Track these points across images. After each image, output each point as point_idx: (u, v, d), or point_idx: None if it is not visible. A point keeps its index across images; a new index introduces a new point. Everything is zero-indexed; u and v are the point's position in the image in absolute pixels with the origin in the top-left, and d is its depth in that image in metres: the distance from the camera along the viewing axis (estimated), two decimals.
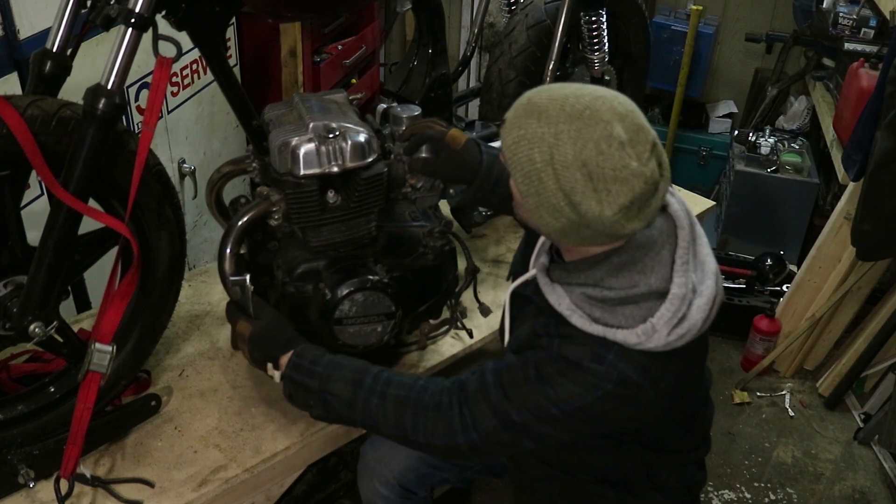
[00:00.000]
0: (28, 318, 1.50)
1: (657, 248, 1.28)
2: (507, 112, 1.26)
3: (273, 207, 1.65)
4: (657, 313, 1.26)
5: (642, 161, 1.17)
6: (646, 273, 1.27)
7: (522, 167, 1.21)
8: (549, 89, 1.23)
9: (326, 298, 1.69)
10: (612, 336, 1.27)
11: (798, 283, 3.05)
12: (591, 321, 1.29)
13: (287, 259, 1.76)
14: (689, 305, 1.27)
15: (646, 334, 1.26)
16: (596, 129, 1.16)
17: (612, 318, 1.28)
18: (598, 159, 1.15)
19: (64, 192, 1.40)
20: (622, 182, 1.16)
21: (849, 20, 3.21)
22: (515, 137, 1.21)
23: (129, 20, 1.39)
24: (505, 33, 2.37)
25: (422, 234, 1.85)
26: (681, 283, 1.27)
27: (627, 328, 1.27)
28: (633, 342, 1.26)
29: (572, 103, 1.18)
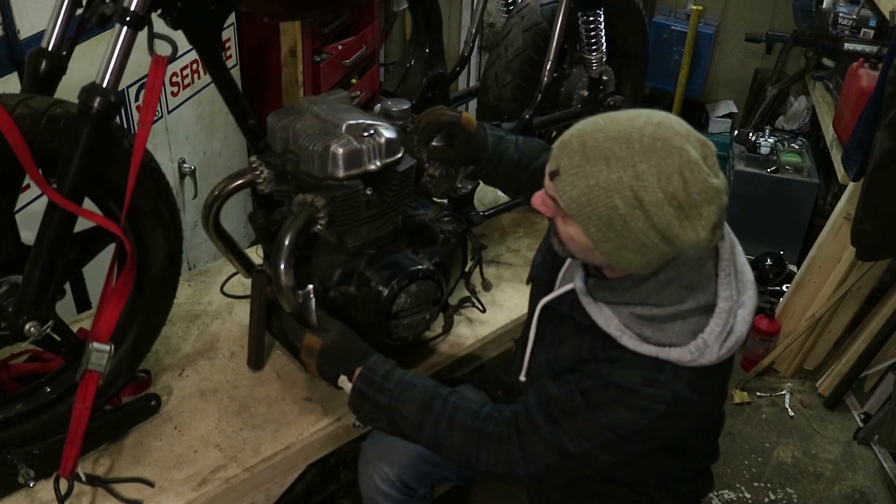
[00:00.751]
0: (23, 318, 1.49)
1: (701, 261, 1.27)
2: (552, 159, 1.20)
3: (319, 213, 1.65)
4: (707, 329, 1.25)
5: (716, 174, 1.16)
6: (693, 288, 1.26)
7: (601, 216, 1.16)
8: (600, 128, 1.17)
9: (382, 295, 1.72)
10: (666, 355, 1.26)
11: (798, 283, 3.05)
12: (643, 341, 1.28)
13: (321, 266, 1.78)
14: (735, 317, 1.27)
15: (699, 350, 1.25)
16: (674, 159, 1.13)
17: (663, 336, 1.27)
18: (685, 188, 1.12)
19: (52, 192, 1.39)
20: (710, 202, 1.14)
21: (848, 20, 3.20)
22: (586, 188, 1.16)
23: (124, 19, 1.40)
24: (501, 36, 2.37)
25: (428, 220, 1.90)
26: (727, 297, 1.26)
27: (680, 345, 1.26)
28: (687, 360, 1.26)
29: (638, 138, 1.14)
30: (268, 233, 1.79)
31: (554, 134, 2.74)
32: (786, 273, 3.37)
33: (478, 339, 2.08)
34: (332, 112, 1.69)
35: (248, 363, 1.95)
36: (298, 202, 1.66)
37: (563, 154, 1.18)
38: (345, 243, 1.74)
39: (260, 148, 1.73)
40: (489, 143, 1.68)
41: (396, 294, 1.73)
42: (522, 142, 1.73)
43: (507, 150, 1.69)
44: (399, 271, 1.74)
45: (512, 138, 1.72)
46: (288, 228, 1.62)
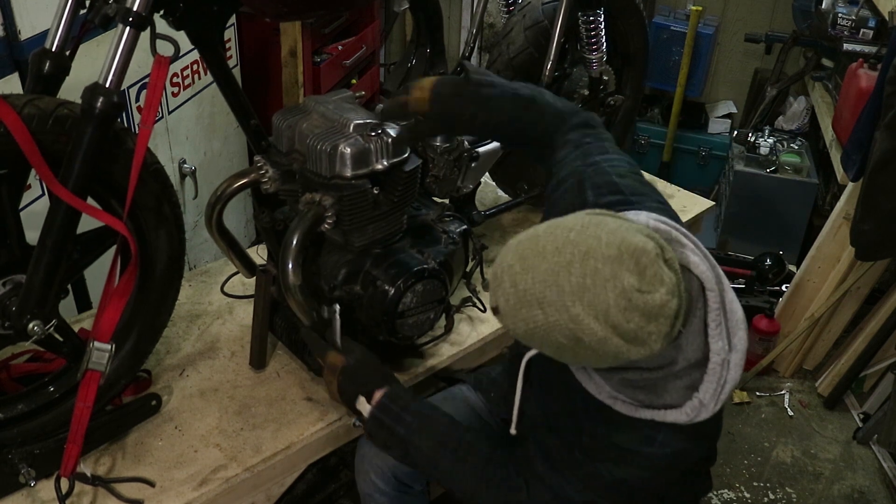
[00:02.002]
0: (27, 317, 1.50)
1: (689, 318, 1.21)
2: (491, 295, 1.16)
3: (327, 212, 1.66)
4: (701, 387, 1.23)
5: (660, 281, 1.09)
6: (682, 348, 1.21)
7: (550, 347, 1.14)
8: (529, 266, 1.11)
9: (388, 294, 1.73)
10: (662, 418, 1.24)
11: (797, 283, 3.06)
12: (637, 406, 1.26)
13: (327, 265, 1.78)
14: (728, 369, 1.23)
15: (695, 411, 1.23)
16: (607, 293, 1.07)
17: (658, 398, 1.25)
18: (625, 318, 1.07)
19: (62, 190, 1.40)
20: (656, 317, 1.09)
21: (848, 20, 3.21)
22: (526, 330, 1.13)
23: (127, 19, 1.40)
24: (503, 34, 2.37)
25: (430, 220, 1.90)
26: (718, 350, 1.22)
27: (676, 407, 1.24)
28: (685, 421, 1.24)
29: (566, 278, 1.08)
30: (273, 232, 1.80)
31: None
32: (785, 273, 3.37)
33: (479, 338, 2.08)
34: (338, 111, 1.70)
35: (250, 362, 1.95)
36: (306, 201, 1.66)
37: (498, 293, 1.15)
38: (351, 243, 1.74)
39: (263, 147, 1.73)
40: (466, 110, 1.55)
41: (402, 293, 1.73)
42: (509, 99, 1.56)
43: (488, 117, 1.56)
44: (405, 271, 1.74)
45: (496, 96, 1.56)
46: (296, 228, 1.63)
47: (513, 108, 1.55)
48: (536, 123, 1.55)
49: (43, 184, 1.97)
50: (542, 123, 1.55)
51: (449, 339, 2.06)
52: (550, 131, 1.54)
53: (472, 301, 2.12)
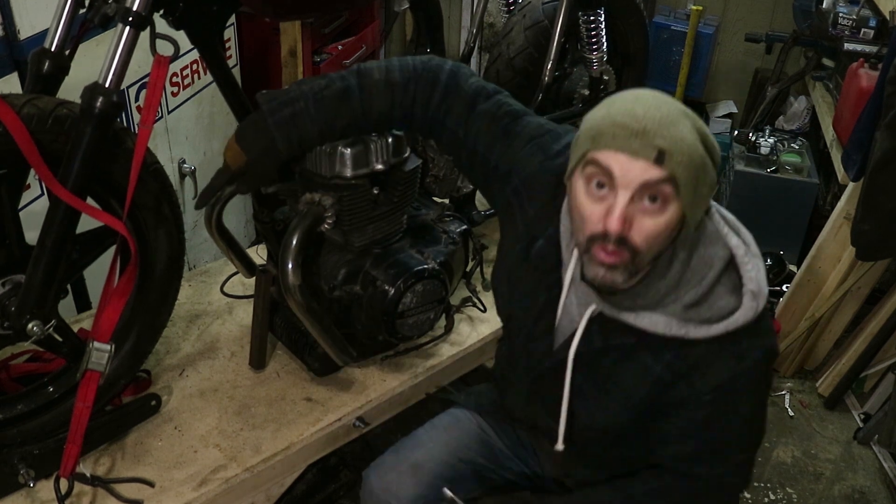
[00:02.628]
0: (26, 317, 1.50)
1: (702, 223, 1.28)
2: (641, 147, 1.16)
3: (327, 212, 1.65)
4: (745, 279, 1.28)
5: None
6: (709, 249, 1.28)
7: (697, 168, 1.18)
8: (649, 103, 1.19)
9: (388, 294, 1.73)
10: (735, 324, 1.27)
11: (798, 283, 3.05)
12: (708, 324, 1.28)
13: (327, 265, 1.78)
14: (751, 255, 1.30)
15: (754, 301, 1.27)
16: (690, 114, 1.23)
17: (720, 308, 1.28)
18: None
19: (62, 189, 1.40)
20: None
21: (848, 20, 3.20)
22: (686, 148, 1.17)
23: (126, 19, 1.40)
24: (503, 34, 2.37)
25: (430, 220, 1.90)
26: (736, 244, 1.29)
27: (738, 307, 1.27)
28: (752, 316, 1.27)
29: (665, 98, 1.21)
30: (273, 232, 1.79)
31: None
32: (786, 273, 3.37)
33: (479, 338, 2.08)
34: None
35: (250, 363, 1.95)
36: (306, 201, 1.66)
37: (650, 136, 1.16)
38: (351, 242, 1.74)
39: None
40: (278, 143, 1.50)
41: (402, 293, 1.73)
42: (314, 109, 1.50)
43: (303, 131, 1.51)
44: (405, 271, 1.74)
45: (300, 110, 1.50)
46: (296, 227, 1.63)
47: (325, 109, 1.49)
48: (370, 108, 1.50)
49: (42, 183, 1.97)
50: (377, 104, 1.50)
51: (449, 339, 2.06)
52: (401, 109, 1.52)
53: (472, 301, 2.11)
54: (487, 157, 1.48)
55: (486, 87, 1.51)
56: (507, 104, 1.49)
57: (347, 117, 1.50)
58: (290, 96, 1.50)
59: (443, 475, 1.62)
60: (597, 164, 1.18)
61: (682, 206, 1.19)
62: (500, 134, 1.46)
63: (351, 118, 1.51)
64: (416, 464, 1.62)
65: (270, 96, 1.52)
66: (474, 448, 1.67)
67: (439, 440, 1.66)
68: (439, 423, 1.71)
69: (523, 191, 1.45)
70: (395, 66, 1.52)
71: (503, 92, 1.52)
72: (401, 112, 1.52)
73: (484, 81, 1.53)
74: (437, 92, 1.51)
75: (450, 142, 1.54)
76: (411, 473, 1.60)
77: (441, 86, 1.51)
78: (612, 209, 1.17)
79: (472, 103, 1.49)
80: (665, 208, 1.18)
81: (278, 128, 1.49)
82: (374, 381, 1.93)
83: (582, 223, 1.22)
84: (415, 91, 1.51)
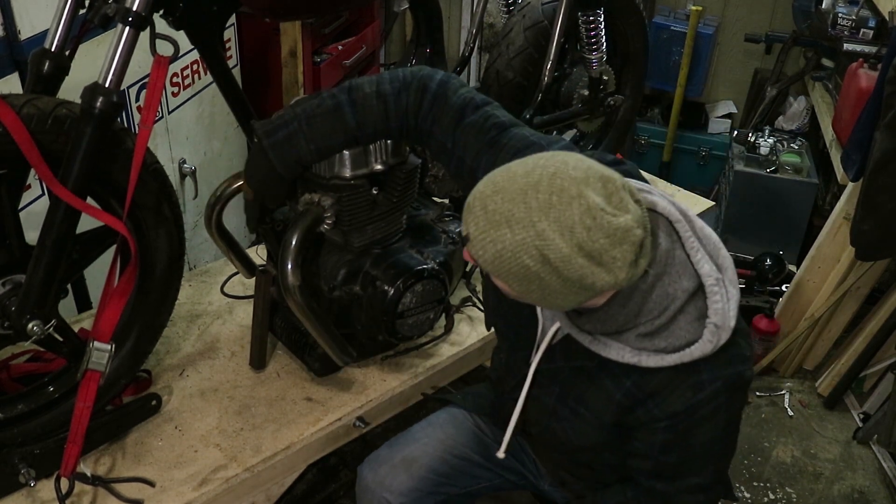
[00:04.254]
0: (26, 317, 1.50)
1: (671, 252, 1.25)
2: (463, 225, 1.16)
3: (326, 213, 1.66)
4: (710, 311, 1.24)
5: (625, 209, 1.12)
6: (674, 281, 1.24)
7: (517, 275, 1.14)
8: (500, 188, 1.13)
9: (388, 295, 1.73)
10: (690, 357, 1.25)
11: (797, 283, 3.05)
12: (663, 353, 1.26)
13: (326, 266, 1.78)
14: (724, 285, 1.26)
15: (714, 336, 1.24)
16: (573, 210, 1.09)
17: (677, 339, 1.26)
18: (590, 236, 1.09)
19: (62, 189, 1.40)
20: (621, 242, 1.11)
21: (848, 20, 3.20)
22: (495, 252, 1.13)
23: (126, 19, 1.40)
24: (502, 35, 2.38)
25: (430, 220, 1.90)
26: (707, 272, 1.25)
27: (696, 339, 1.25)
28: (710, 350, 1.24)
29: (534, 196, 1.10)
30: (273, 232, 1.80)
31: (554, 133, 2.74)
32: (785, 273, 3.37)
33: (479, 338, 2.08)
34: None
35: (250, 363, 1.95)
36: (305, 202, 1.67)
37: (469, 219, 1.15)
38: (350, 243, 1.75)
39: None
40: (279, 169, 1.55)
41: (402, 293, 1.73)
42: (308, 128, 1.52)
43: (300, 151, 1.54)
44: (404, 271, 1.74)
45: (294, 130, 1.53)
46: (295, 228, 1.63)
47: (319, 127, 1.51)
48: (364, 121, 1.51)
49: (42, 183, 1.97)
50: (371, 117, 1.51)
51: (449, 339, 2.06)
52: (396, 120, 1.52)
53: (472, 301, 2.12)
54: (474, 169, 1.47)
55: (475, 99, 1.50)
56: (495, 116, 1.48)
57: (342, 133, 1.52)
58: (284, 119, 1.52)
59: (436, 470, 1.64)
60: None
61: (510, 289, 1.18)
62: (486, 146, 1.45)
63: (346, 133, 1.52)
64: (409, 458, 1.64)
65: (265, 122, 1.55)
66: (470, 446, 1.69)
67: (434, 436, 1.68)
68: (435, 419, 1.74)
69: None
70: (386, 79, 1.53)
71: (492, 103, 1.51)
72: (396, 123, 1.53)
73: (474, 92, 1.53)
74: (426, 101, 1.51)
75: (438, 151, 1.55)
76: (405, 468, 1.62)
77: (430, 95, 1.51)
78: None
79: (460, 114, 1.48)
80: (491, 275, 1.19)
81: (274, 150, 1.52)
82: (374, 381, 1.93)
83: None
84: (406, 101, 1.51)
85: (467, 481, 1.69)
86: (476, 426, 1.72)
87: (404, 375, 1.95)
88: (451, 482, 1.66)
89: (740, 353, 1.30)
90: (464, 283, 2.14)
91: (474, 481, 1.70)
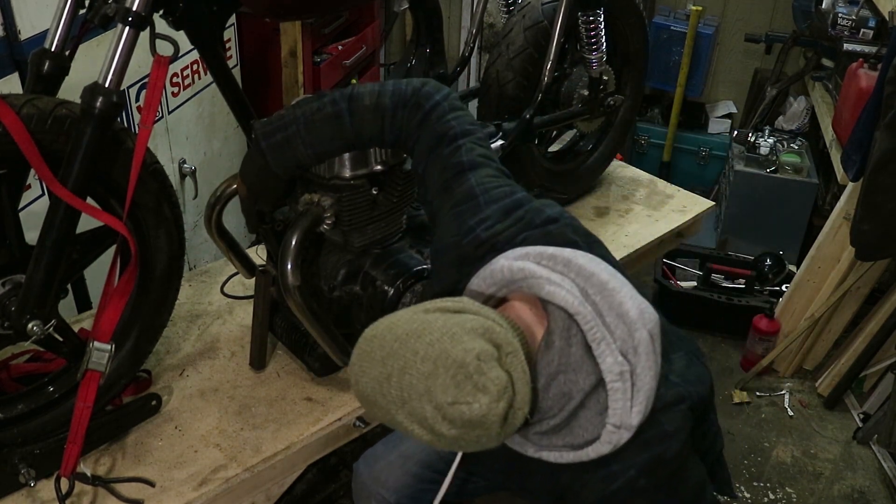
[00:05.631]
0: (26, 317, 1.50)
1: (564, 351, 1.17)
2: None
3: (326, 213, 1.66)
4: (609, 412, 1.15)
5: (482, 392, 1.05)
6: (570, 380, 1.17)
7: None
8: (364, 369, 1.11)
9: (388, 295, 1.73)
10: (586, 457, 1.17)
11: (797, 283, 3.06)
12: (564, 450, 1.20)
13: (326, 266, 1.78)
14: (632, 377, 1.15)
15: (614, 437, 1.15)
16: (424, 406, 1.06)
17: (577, 437, 1.18)
18: (446, 426, 1.06)
19: (62, 189, 1.40)
20: (479, 425, 1.06)
21: (848, 21, 3.20)
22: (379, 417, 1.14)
23: (126, 19, 1.40)
24: (502, 35, 2.37)
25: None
26: (610, 366, 1.14)
27: (595, 439, 1.17)
28: (609, 451, 1.16)
29: (388, 388, 1.09)
30: (273, 232, 1.80)
31: (554, 134, 2.74)
32: (785, 273, 3.38)
33: None
34: None
35: (250, 363, 1.95)
36: (305, 202, 1.67)
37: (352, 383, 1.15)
38: (350, 243, 1.75)
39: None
40: (274, 168, 1.55)
41: (402, 294, 1.73)
42: (306, 132, 1.51)
43: (298, 154, 1.53)
44: (404, 271, 1.74)
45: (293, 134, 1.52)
46: (295, 228, 1.63)
47: (317, 133, 1.51)
48: (360, 132, 1.50)
49: (42, 183, 1.97)
50: (367, 129, 1.49)
51: None
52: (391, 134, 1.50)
53: None
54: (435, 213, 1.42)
55: (455, 130, 1.41)
56: (459, 155, 1.38)
57: (340, 140, 1.52)
58: (283, 121, 1.52)
59: (431, 465, 1.64)
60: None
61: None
62: (441, 189, 1.39)
63: (344, 141, 1.52)
64: (405, 454, 1.65)
65: (265, 122, 1.55)
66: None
67: None
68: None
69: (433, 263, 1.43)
70: (388, 91, 1.49)
71: (472, 135, 1.42)
72: (391, 137, 1.51)
73: (462, 119, 1.44)
74: (414, 121, 1.47)
75: (413, 171, 1.54)
76: (399, 463, 1.63)
77: (420, 115, 1.46)
78: None
79: (434, 143, 1.42)
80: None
81: (272, 151, 1.53)
82: None
83: None
84: (402, 118, 1.48)
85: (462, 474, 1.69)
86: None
87: None
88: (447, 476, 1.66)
89: (660, 433, 1.18)
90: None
91: (469, 474, 1.70)
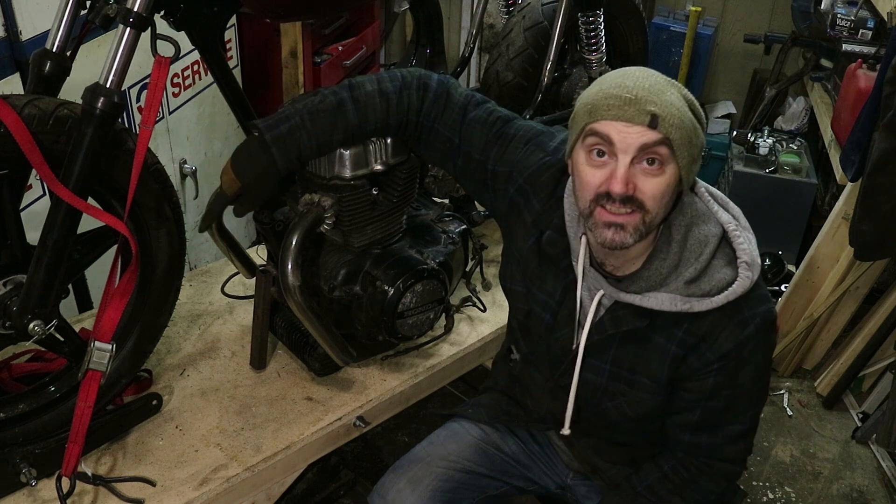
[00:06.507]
0: (28, 317, 1.50)
1: (692, 204, 1.37)
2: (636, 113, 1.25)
3: (326, 213, 1.66)
4: (738, 251, 1.35)
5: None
6: (703, 227, 1.35)
7: (688, 131, 1.27)
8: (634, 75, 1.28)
9: (388, 295, 1.74)
10: (735, 294, 1.34)
11: (796, 283, 3.06)
12: (709, 296, 1.34)
13: (326, 266, 1.79)
14: (741, 228, 1.38)
15: (749, 270, 1.34)
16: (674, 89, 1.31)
17: (718, 281, 1.35)
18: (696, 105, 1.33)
19: (63, 190, 1.40)
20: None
21: (847, 21, 3.21)
22: (678, 112, 1.26)
23: (127, 20, 1.41)
24: (502, 35, 2.38)
25: (430, 220, 1.90)
26: (727, 218, 1.38)
27: (735, 279, 1.34)
28: (749, 286, 1.34)
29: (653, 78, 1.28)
30: (273, 232, 1.80)
31: None
32: (784, 273, 3.37)
33: (479, 338, 2.09)
34: None
35: (250, 363, 1.96)
36: (305, 202, 1.67)
37: (642, 102, 1.25)
38: (351, 243, 1.75)
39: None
40: (277, 163, 1.54)
41: (402, 293, 1.74)
42: (310, 123, 1.53)
43: (302, 145, 1.54)
44: (405, 271, 1.75)
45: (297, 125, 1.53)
46: (296, 228, 1.63)
47: (321, 122, 1.52)
48: (365, 118, 1.54)
49: (44, 184, 1.98)
50: (372, 114, 1.55)
51: (449, 339, 2.06)
52: (396, 117, 1.57)
53: (471, 301, 2.12)
54: (483, 162, 1.55)
55: (475, 96, 1.61)
56: (497, 111, 1.59)
57: (343, 129, 1.54)
58: (284, 114, 1.54)
59: (441, 488, 1.64)
60: (596, 134, 1.27)
61: (678, 167, 1.28)
62: (494, 138, 1.54)
63: (347, 129, 1.55)
64: (414, 479, 1.65)
65: (265, 118, 1.56)
66: (472, 459, 1.70)
67: (436, 454, 1.70)
68: (436, 438, 1.75)
69: (528, 187, 1.52)
70: (387, 77, 1.58)
71: (491, 101, 1.62)
72: (396, 120, 1.57)
73: (471, 92, 1.62)
74: (427, 99, 1.58)
75: (444, 149, 1.60)
76: (411, 489, 1.63)
77: (432, 94, 1.58)
78: (615, 172, 1.26)
79: (463, 110, 1.57)
80: (663, 169, 1.27)
81: (276, 144, 1.53)
82: (375, 381, 1.94)
83: (586, 190, 1.30)
84: (408, 99, 1.57)
85: (474, 493, 1.70)
86: (478, 438, 1.74)
87: (404, 375, 1.96)
88: (458, 496, 1.67)
89: (765, 293, 1.41)
90: (464, 283, 2.14)
91: (480, 492, 1.71)
